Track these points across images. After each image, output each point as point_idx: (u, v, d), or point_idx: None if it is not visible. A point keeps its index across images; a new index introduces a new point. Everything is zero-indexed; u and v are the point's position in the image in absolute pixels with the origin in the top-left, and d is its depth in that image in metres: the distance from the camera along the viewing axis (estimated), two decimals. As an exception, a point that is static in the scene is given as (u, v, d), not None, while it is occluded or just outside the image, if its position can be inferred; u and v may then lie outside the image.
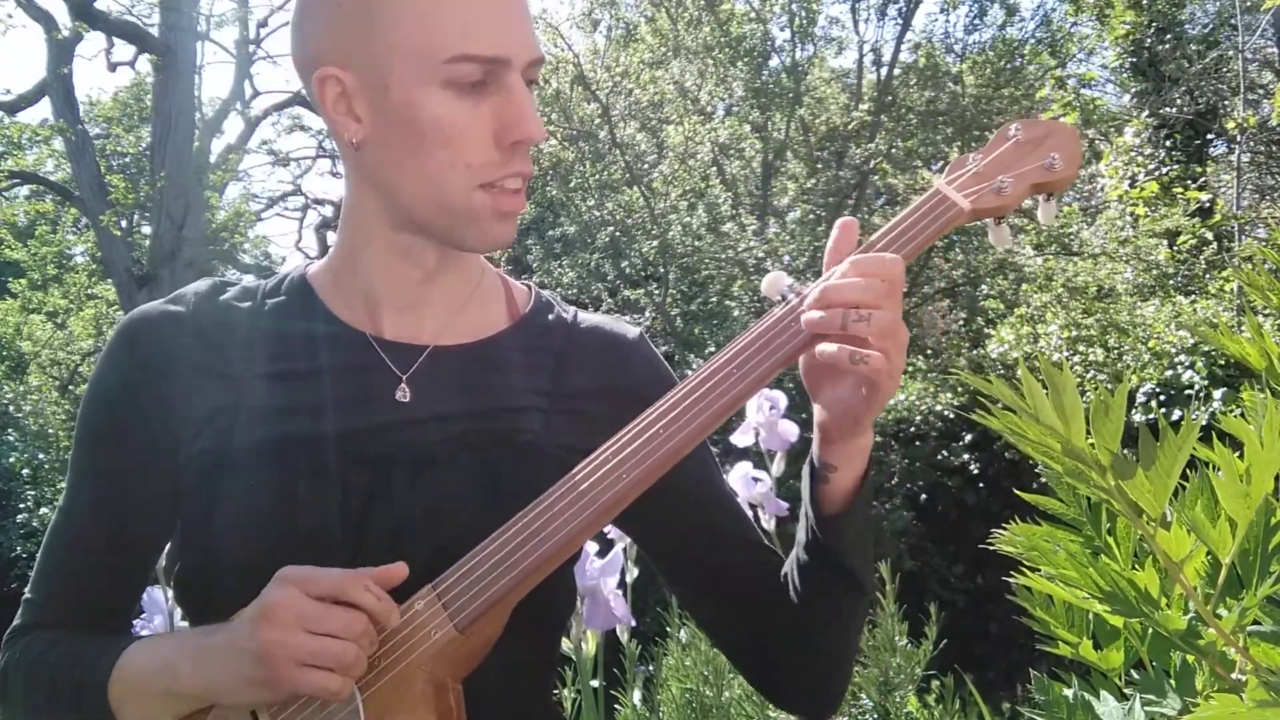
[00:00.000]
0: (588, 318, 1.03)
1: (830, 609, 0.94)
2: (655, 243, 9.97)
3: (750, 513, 1.90)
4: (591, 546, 1.97)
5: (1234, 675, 0.66)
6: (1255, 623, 0.67)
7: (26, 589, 0.98)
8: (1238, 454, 0.62)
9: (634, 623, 2.10)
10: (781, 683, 1.00)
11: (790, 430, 2.30)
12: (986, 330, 8.48)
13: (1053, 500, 0.79)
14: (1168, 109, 8.05)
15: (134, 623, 1.25)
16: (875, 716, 2.39)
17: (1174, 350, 6.15)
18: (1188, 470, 0.64)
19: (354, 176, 0.93)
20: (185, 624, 2.00)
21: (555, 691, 2.11)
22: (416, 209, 0.89)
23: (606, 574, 1.95)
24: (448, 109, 0.85)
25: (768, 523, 2.24)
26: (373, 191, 0.92)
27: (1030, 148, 0.89)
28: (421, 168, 0.87)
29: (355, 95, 0.87)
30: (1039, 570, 0.75)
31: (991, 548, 0.75)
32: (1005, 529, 0.73)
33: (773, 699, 1.05)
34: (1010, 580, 0.83)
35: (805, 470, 0.92)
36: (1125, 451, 0.61)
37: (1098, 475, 0.60)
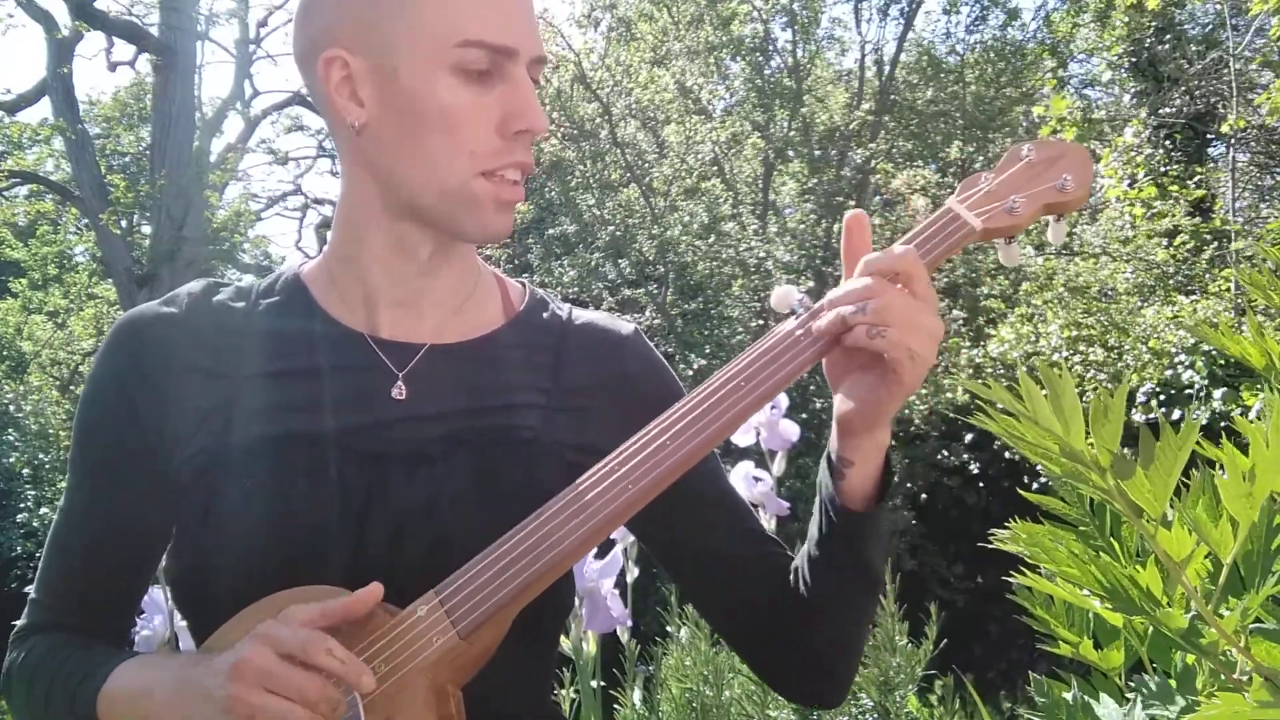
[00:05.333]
0: (583, 314, 1.03)
1: (841, 602, 0.94)
2: (655, 242, 9.98)
3: (750, 512, 1.89)
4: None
5: (1235, 675, 0.66)
6: (1257, 621, 0.67)
7: (32, 588, 0.99)
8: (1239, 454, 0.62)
9: (631, 623, 2.09)
10: (786, 674, 1.01)
11: (791, 430, 2.29)
12: (987, 330, 8.48)
13: (1055, 500, 0.79)
14: (1167, 109, 8.06)
15: (135, 621, 1.25)
16: (875, 716, 2.39)
17: (1174, 350, 6.16)
18: (1189, 470, 0.64)
19: (352, 164, 0.93)
20: (184, 624, 1.99)
21: (555, 692, 2.11)
22: (416, 195, 0.89)
23: (605, 575, 1.95)
24: (453, 95, 0.86)
25: (769, 522, 2.24)
26: (371, 179, 0.91)
27: (1042, 168, 0.89)
28: (423, 152, 0.87)
29: (360, 79, 0.88)
30: (1040, 570, 0.75)
31: (991, 547, 0.75)
32: (1006, 528, 0.73)
33: (778, 688, 1.05)
34: (1010, 580, 0.83)
35: (823, 464, 0.92)
36: (1125, 451, 0.61)
37: (1097, 476, 0.60)
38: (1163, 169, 7.35)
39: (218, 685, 0.79)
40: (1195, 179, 7.47)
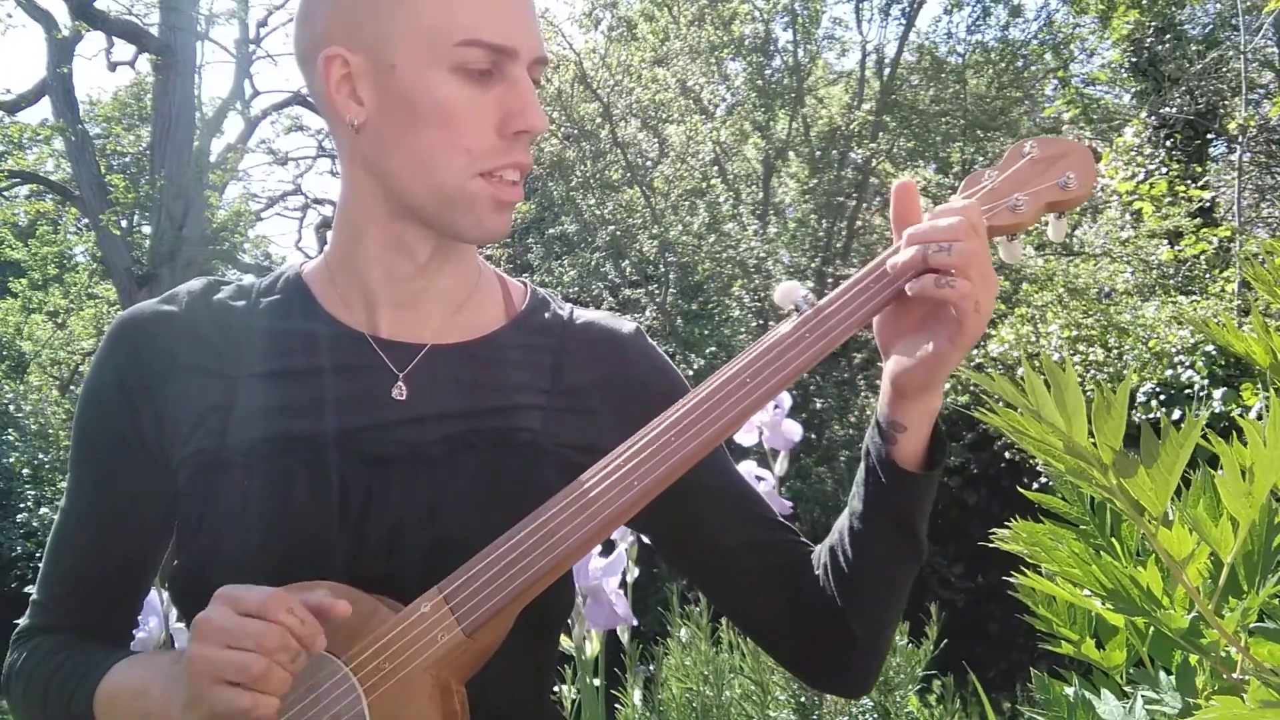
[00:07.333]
0: (584, 314, 1.03)
1: (887, 574, 0.93)
2: (656, 242, 9.98)
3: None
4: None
5: (1235, 675, 0.66)
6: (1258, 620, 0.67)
7: (34, 589, 0.99)
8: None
9: (635, 622, 2.10)
10: (812, 660, 0.99)
11: (793, 430, 2.29)
12: (987, 330, 8.48)
13: (1055, 499, 0.79)
14: (1168, 109, 8.06)
15: (136, 621, 1.25)
16: (875, 716, 2.39)
17: (1174, 350, 6.16)
18: (1189, 470, 0.64)
19: (351, 163, 0.92)
20: (181, 626, 1.99)
21: (555, 690, 2.11)
22: (413, 193, 0.89)
23: (609, 574, 1.96)
24: (452, 93, 0.86)
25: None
26: (370, 178, 0.91)
27: (1045, 166, 0.89)
28: (421, 150, 0.87)
29: (360, 77, 0.88)
30: (1040, 569, 0.75)
31: (991, 546, 0.75)
32: (1007, 528, 0.73)
33: (809, 677, 1.04)
34: (1011, 579, 0.83)
35: (870, 432, 0.91)
36: (1126, 450, 0.61)
37: (1099, 473, 0.60)
38: (1164, 169, 7.36)
39: (185, 656, 0.78)
40: (1201, 181, 7.47)
